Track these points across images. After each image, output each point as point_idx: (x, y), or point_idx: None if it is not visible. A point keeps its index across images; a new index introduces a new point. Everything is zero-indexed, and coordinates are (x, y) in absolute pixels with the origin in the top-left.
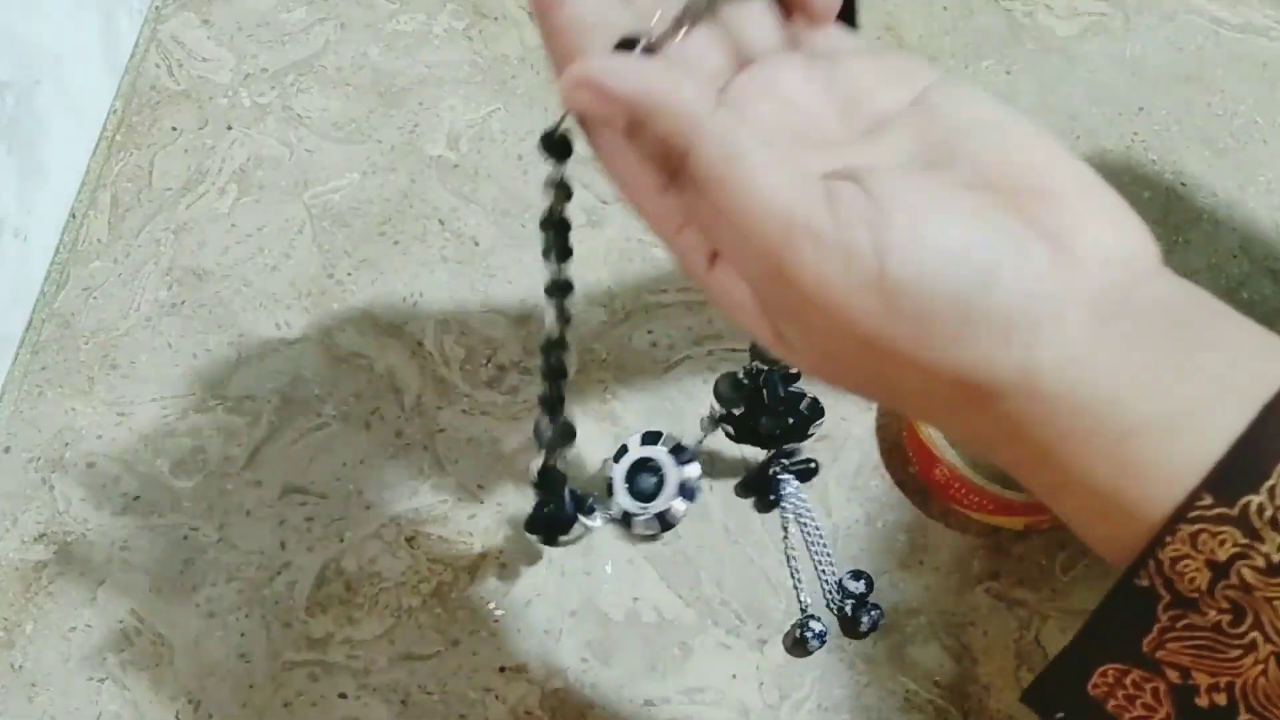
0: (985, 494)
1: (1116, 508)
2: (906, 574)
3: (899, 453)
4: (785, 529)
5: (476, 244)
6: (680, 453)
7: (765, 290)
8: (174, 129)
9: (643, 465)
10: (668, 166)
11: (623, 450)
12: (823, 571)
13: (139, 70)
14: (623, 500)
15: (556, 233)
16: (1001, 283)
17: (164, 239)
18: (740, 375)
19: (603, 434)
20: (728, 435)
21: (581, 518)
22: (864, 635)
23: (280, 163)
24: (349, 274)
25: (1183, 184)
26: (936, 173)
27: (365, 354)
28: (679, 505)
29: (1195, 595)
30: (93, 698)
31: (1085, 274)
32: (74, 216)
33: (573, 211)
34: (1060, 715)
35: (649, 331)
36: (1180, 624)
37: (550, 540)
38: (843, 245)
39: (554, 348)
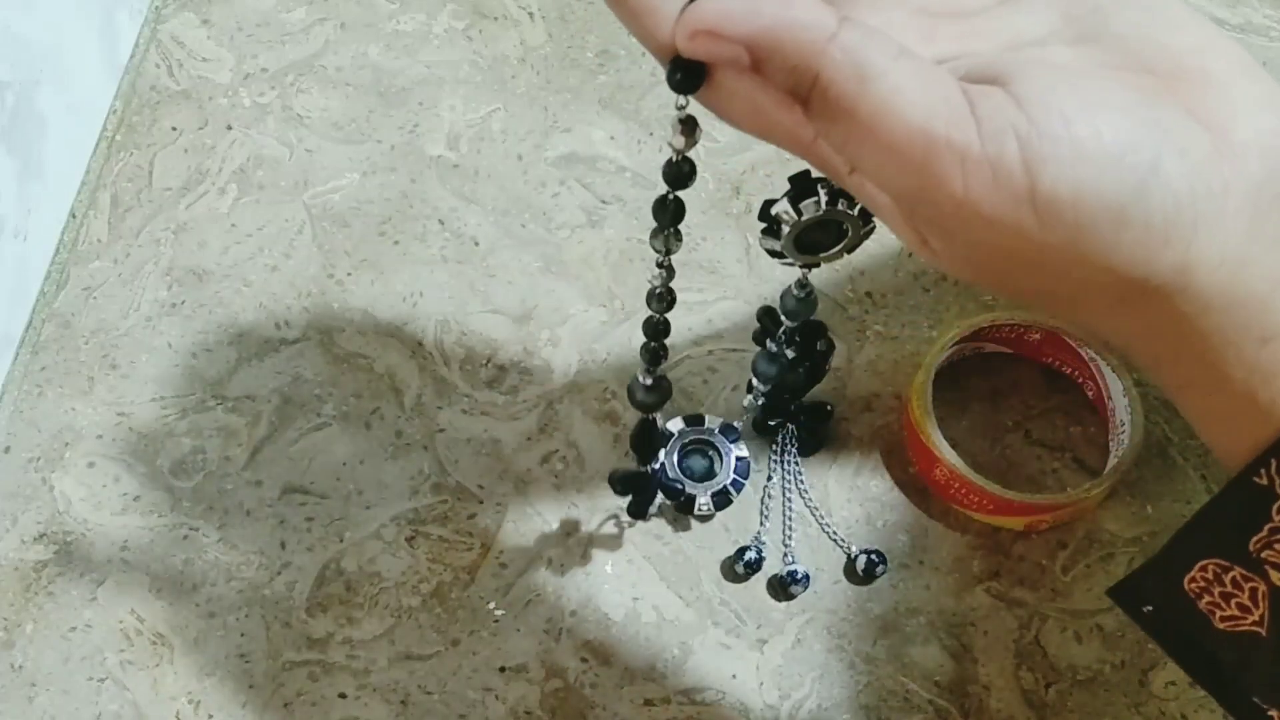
0: (985, 494)
1: (1246, 408)
2: (906, 574)
3: (899, 453)
4: (769, 476)
5: (476, 244)
6: (729, 432)
7: (909, 204)
8: (174, 129)
9: (689, 448)
10: (799, 94)
11: (668, 435)
12: (816, 510)
13: (139, 70)
14: (680, 480)
15: (676, 176)
16: (1161, 182)
17: (164, 239)
18: (772, 348)
19: (602, 434)
20: (753, 422)
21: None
22: (864, 579)
23: (280, 163)
24: (349, 274)
25: None
26: (1085, 53)
27: (365, 354)
28: (738, 481)
29: None
30: (93, 698)
31: (1246, 164)
32: (74, 216)
33: (573, 211)
34: (1149, 609)
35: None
36: None
37: (641, 510)
38: (990, 161)
39: (660, 300)
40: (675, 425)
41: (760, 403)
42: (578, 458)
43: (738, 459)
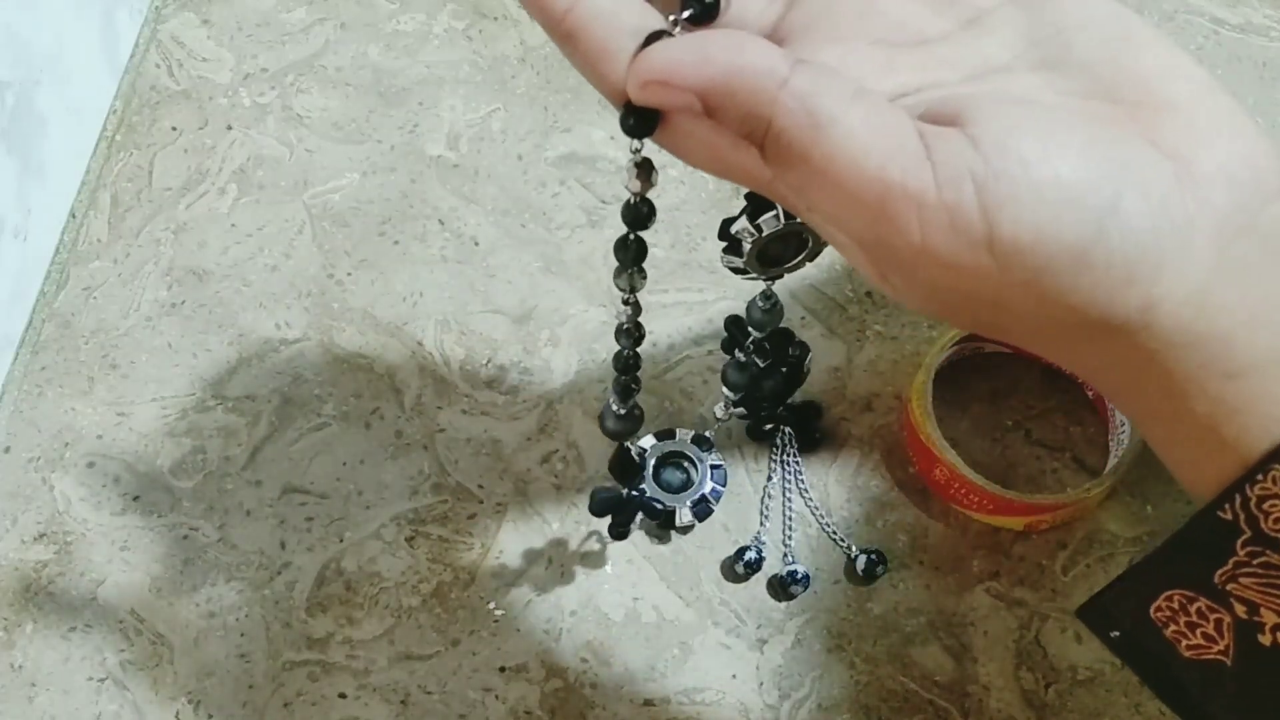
0: (985, 494)
1: (1211, 441)
2: (906, 574)
3: (899, 453)
4: (769, 476)
5: (476, 244)
6: (702, 443)
7: (866, 246)
8: (174, 129)
9: (663, 462)
10: (753, 140)
11: (640, 452)
12: (817, 510)
13: (139, 70)
14: (658, 497)
15: (635, 218)
16: (1121, 223)
17: (164, 239)
18: (740, 357)
19: (602, 434)
20: (747, 429)
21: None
22: (863, 580)
23: (280, 163)
24: (349, 274)
25: None
26: (1049, 80)
27: (365, 354)
28: (716, 489)
29: (1278, 535)
30: (93, 698)
31: (1211, 196)
32: (74, 216)
33: (572, 211)
34: (1116, 634)
35: (649, 331)
36: (1256, 560)
37: (622, 533)
38: (947, 207)
39: (627, 336)
40: (646, 442)
41: (736, 410)
42: (578, 458)
43: (713, 467)
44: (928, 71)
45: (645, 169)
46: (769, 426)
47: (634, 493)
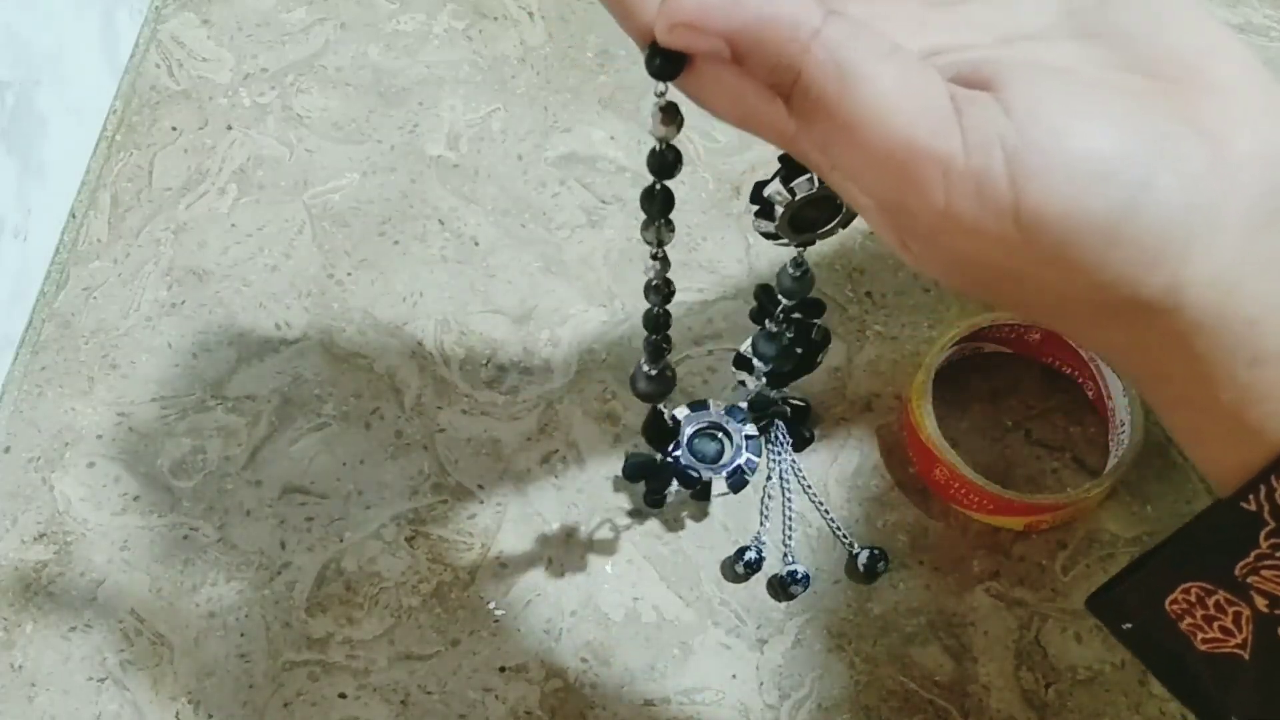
0: (985, 494)
1: (1235, 429)
2: (906, 574)
3: (899, 453)
4: (769, 475)
5: (476, 244)
6: (736, 413)
7: (890, 209)
8: (174, 129)
9: (698, 432)
10: (780, 90)
11: (676, 422)
12: (821, 505)
13: (139, 70)
14: (694, 467)
15: (661, 165)
16: (1153, 200)
17: (164, 239)
18: (771, 327)
19: (602, 434)
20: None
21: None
22: (864, 577)
23: (280, 163)
24: (349, 274)
25: None
26: (1086, 51)
27: (365, 354)
28: (752, 459)
29: None
30: (93, 698)
31: (1244, 178)
32: (74, 216)
33: (572, 211)
34: (1128, 627)
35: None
36: None
37: (657, 500)
38: (974, 174)
39: (657, 292)
40: (680, 413)
41: (763, 382)
42: (578, 458)
43: (747, 437)
44: (960, 33)
45: (671, 113)
46: (762, 422)
47: (668, 459)
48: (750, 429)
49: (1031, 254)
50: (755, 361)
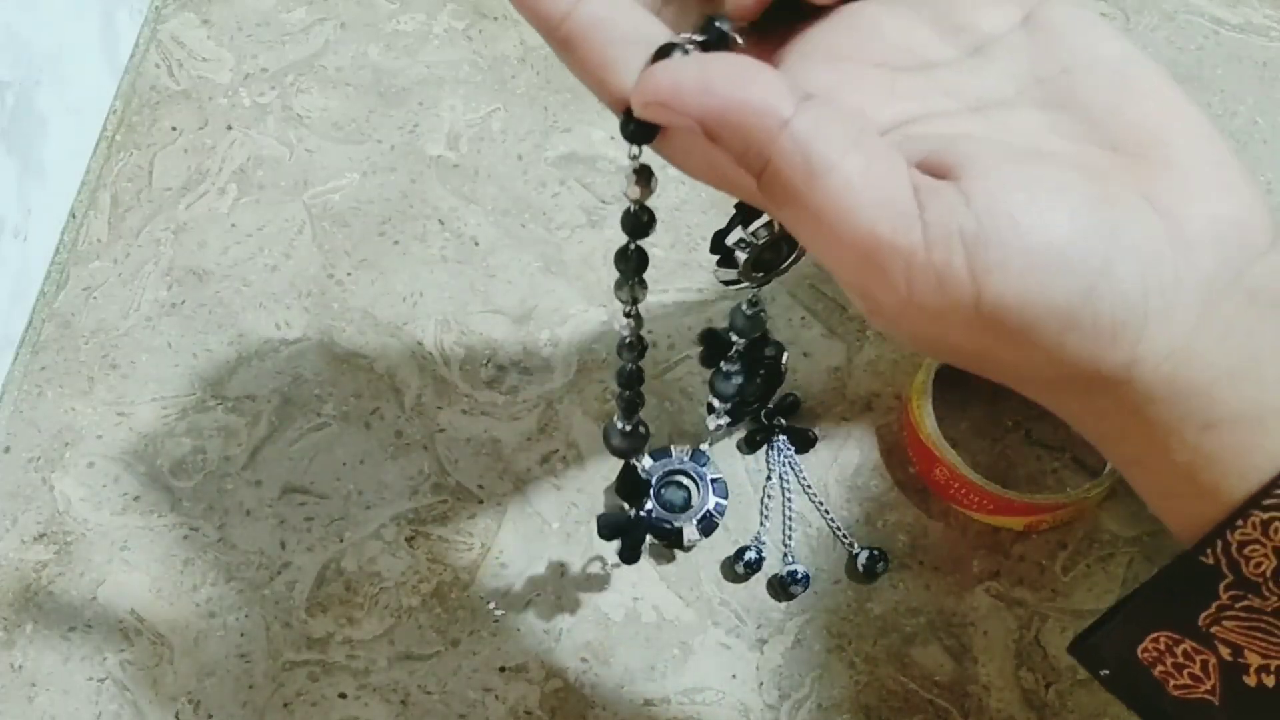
0: (985, 494)
1: (1191, 488)
2: (906, 574)
3: (899, 453)
4: (768, 476)
5: (476, 244)
6: (699, 457)
7: (855, 291)
8: (174, 129)
9: (662, 481)
10: (751, 170)
11: (647, 476)
12: (821, 505)
13: (139, 70)
14: (666, 519)
15: (635, 226)
16: (1111, 285)
17: (164, 239)
18: (726, 368)
19: (602, 434)
20: (738, 443)
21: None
22: (864, 577)
23: (280, 163)
24: (349, 274)
25: None
26: (1050, 120)
27: (365, 354)
28: (720, 503)
29: (1259, 579)
30: (93, 698)
31: (1198, 256)
32: (74, 216)
33: (572, 211)
34: (1105, 673)
35: (649, 331)
36: (1239, 604)
37: (632, 556)
38: (936, 267)
39: (630, 350)
40: (645, 463)
41: (726, 422)
42: (578, 458)
43: (713, 481)
44: (929, 100)
45: (644, 175)
46: (759, 438)
47: (642, 514)
48: (714, 472)
49: (991, 337)
50: (714, 402)
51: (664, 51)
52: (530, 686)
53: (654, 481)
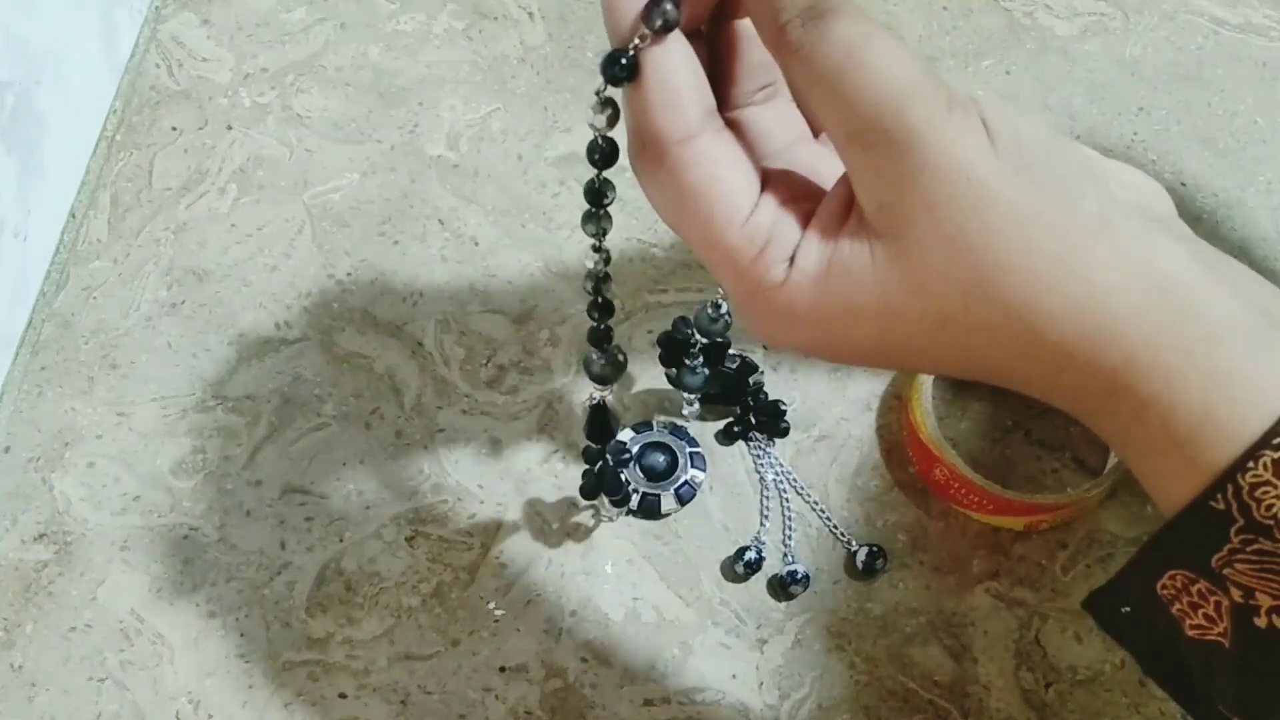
0: (985, 494)
1: (1200, 431)
2: (906, 574)
3: (899, 453)
4: (761, 478)
5: (476, 244)
6: (680, 433)
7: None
8: (174, 129)
9: (645, 450)
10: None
11: (621, 446)
12: (817, 505)
13: (139, 70)
14: (640, 484)
15: (600, 156)
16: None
17: (164, 239)
18: (689, 363)
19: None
20: (716, 435)
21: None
22: (863, 575)
23: (280, 163)
24: (349, 274)
25: (1183, 184)
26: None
27: (365, 354)
28: (698, 475)
29: (1269, 522)
30: (93, 698)
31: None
32: (74, 216)
33: (572, 211)
34: (1126, 609)
35: (649, 331)
36: (1250, 548)
37: (591, 493)
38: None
39: (598, 281)
40: (625, 435)
41: (698, 410)
42: (578, 458)
43: (693, 454)
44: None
45: (608, 105)
46: (736, 428)
47: (608, 459)
48: (694, 446)
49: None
50: (684, 395)
51: (652, 4)
52: (530, 686)
53: (635, 449)
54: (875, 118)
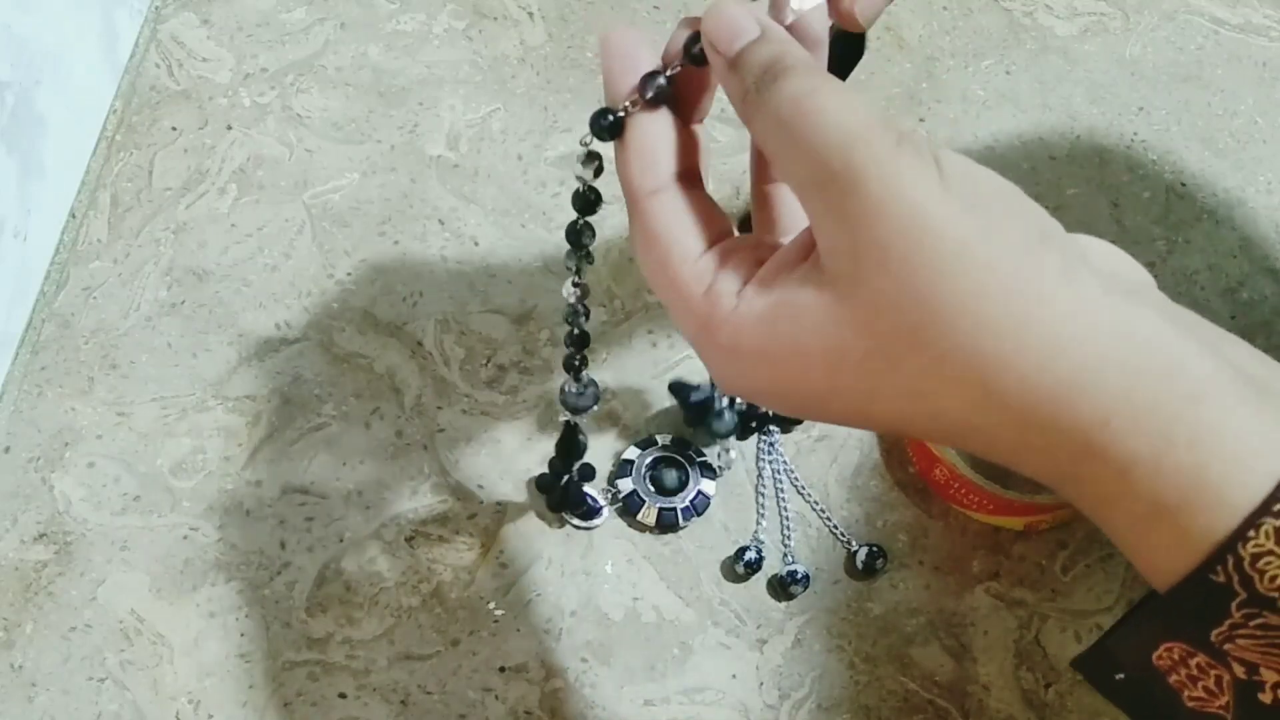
0: (985, 494)
1: (1191, 496)
2: (906, 574)
3: (899, 453)
4: (760, 473)
5: (476, 244)
6: (685, 445)
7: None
8: (174, 129)
9: (656, 464)
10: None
11: (627, 464)
12: (817, 505)
13: (139, 70)
14: (654, 500)
15: (583, 204)
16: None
17: (164, 239)
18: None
19: (602, 434)
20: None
21: (593, 503)
22: (863, 574)
23: (280, 163)
24: (349, 274)
25: (1183, 184)
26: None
27: (365, 354)
28: (709, 485)
29: (1274, 595)
30: (93, 698)
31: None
32: (74, 216)
33: (572, 212)
34: (1121, 677)
35: (649, 331)
36: (1253, 622)
37: (556, 506)
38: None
39: (576, 315)
40: (631, 453)
41: (735, 454)
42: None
43: (702, 464)
44: None
45: (593, 159)
46: (754, 423)
47: (572, 477)
48: (701, 455)
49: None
50: (714, 428)
51: (649, 78)
52: (530, 686)
53: (644, 465)
54: (824, 161)
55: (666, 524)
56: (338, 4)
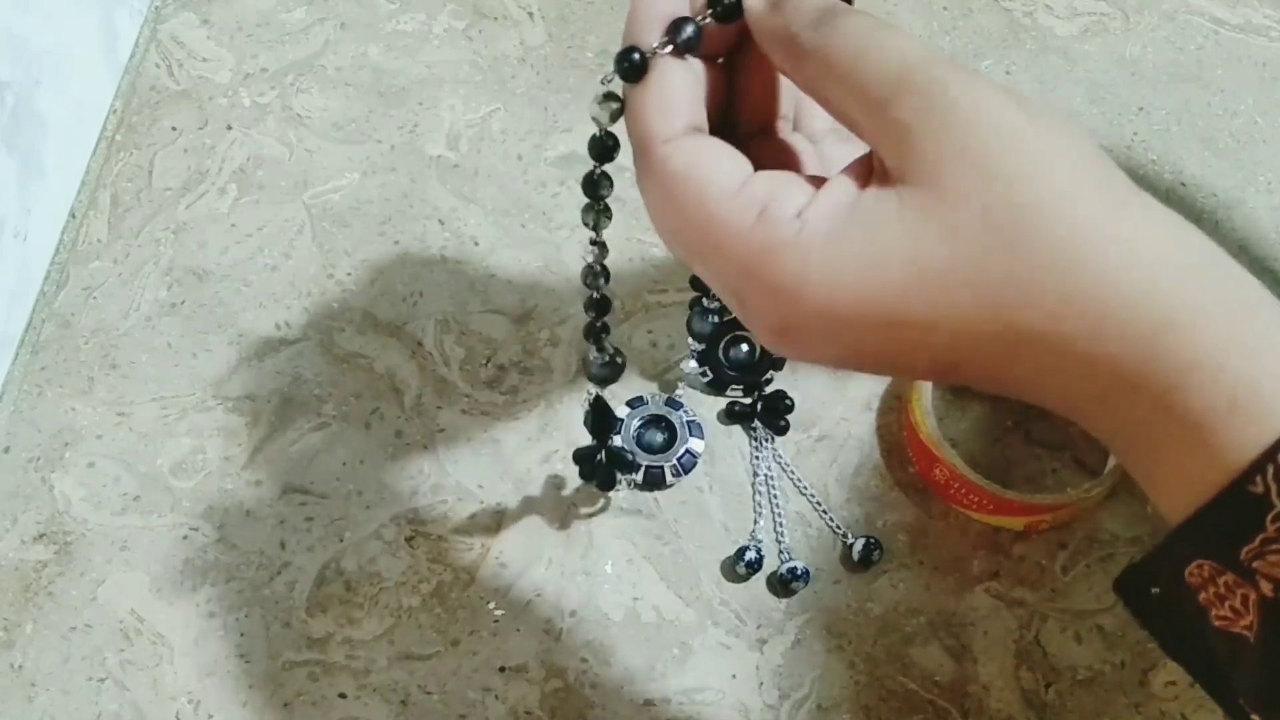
0: (985, 494)
1: (1243, 409)
2: (906, 574)
3: (899, 453)
4: (755, 472)
5: (476, 244)
6: (675, 405)
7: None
8: (174, 129)
9: (644, 425)
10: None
11: (618, 422)
12: (812, 497)
13: (139, 70)
14: (642, 458)
15: (600, 151)
16: None
17: (164, 239)
18: (707, 303)
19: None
20: (706, 384)
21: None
22: (859, 566)
23: (280, 163)
24: (349, 274)
25: (1183, 184)
26: None
27: (365, 354)
28: (697, 444)
29: None
30: (93, 698)
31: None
32: (74, 216)
33: (572, 211)
34: (1156, 590)
35: (649, 331)
36: None
37: (606, 484)
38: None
39: (595, 277)
40: (620, 412)
41: (698, 371)
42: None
43: (690, 423)
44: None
45: (610, 99)
46: (738, 408)
47: (611, 448)
48: (689, 415)
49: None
50: (690, 341)
51: (681, 21)
52: (530, 686)
53: (633, 425)
54: (903, 78)
55: (653, 481)
56: (338, 4)
